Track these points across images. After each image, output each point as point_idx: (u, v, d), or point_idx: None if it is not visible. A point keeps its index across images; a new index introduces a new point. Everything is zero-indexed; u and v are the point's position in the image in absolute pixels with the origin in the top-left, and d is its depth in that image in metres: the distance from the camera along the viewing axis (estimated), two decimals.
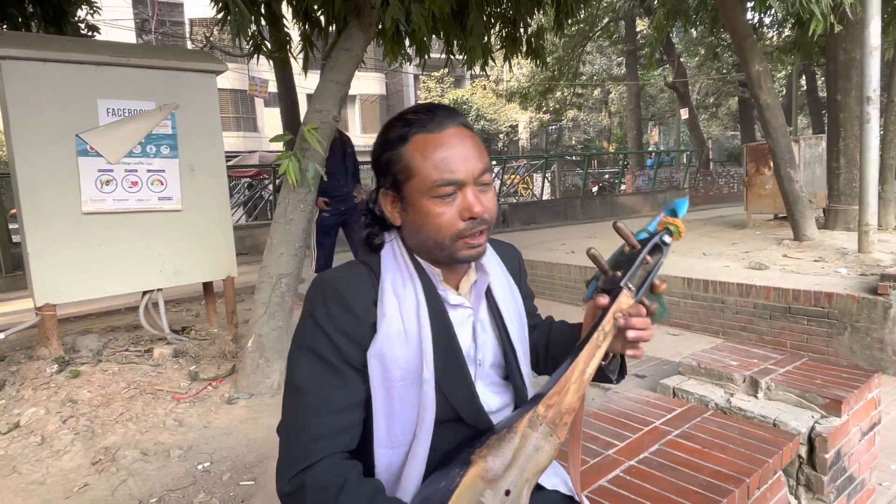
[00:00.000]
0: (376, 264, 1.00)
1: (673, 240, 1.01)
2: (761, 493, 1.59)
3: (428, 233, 0.96)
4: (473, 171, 0.95)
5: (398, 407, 0.94)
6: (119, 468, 2.05)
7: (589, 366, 0.93)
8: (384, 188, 1.00)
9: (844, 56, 6.73)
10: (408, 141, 0.95)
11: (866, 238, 5.07)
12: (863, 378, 2.08)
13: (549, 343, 1.20)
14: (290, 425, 0.91)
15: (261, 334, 2.75)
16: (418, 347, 0.94)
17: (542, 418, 0.90)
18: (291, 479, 0.87)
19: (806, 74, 19.52)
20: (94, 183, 2.98)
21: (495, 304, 1.08)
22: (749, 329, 4.41)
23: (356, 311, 0.93)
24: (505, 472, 0.87)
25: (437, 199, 0.94)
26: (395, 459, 0.95)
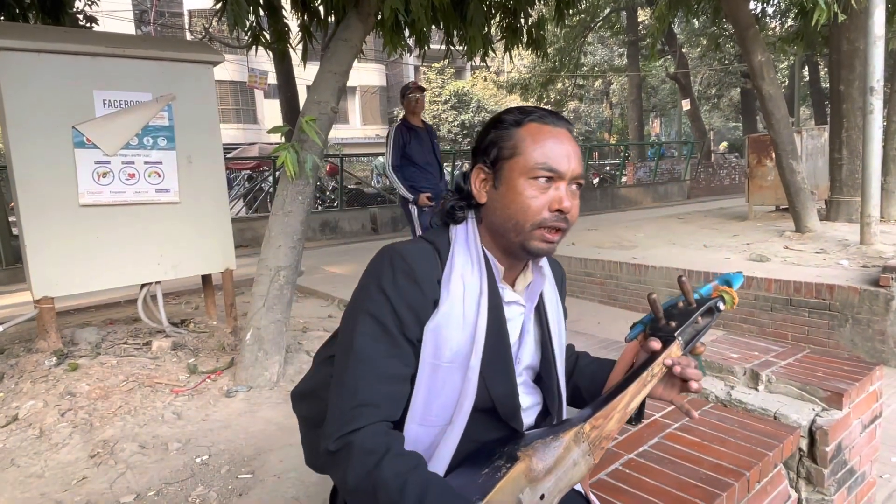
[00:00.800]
0: (443, 244, 1.03)
1: (725, 308, 1.09)
2: (762, 486, 1.58)
3: (514, 212, 0.99)
4: (573, 171, 1.00)
5: (440, 387, 0.97)
6: (117, 461, 2.05)
7: (634, 400, 1.00)
8: (480, 164, 1.04)
9: (848, 46, 6.68)
10: (523, 125, 1.01)
11: (868, 230, 5.05)
12: (864, 371, 2.07)
13: (573, 371, 1.25)
14: (344, 385, 0.93)
15: (259, 327, 2.74)
16: (472, 334, 0.97)
17: (586, 436, 0.95)
18: (338, 439, 0.89)
19: (809, 65, 19.41)
20: (91, 175, 2.96)
21: (544, 309, 1.12)
22: (750, 321, 4.40)
23: (423, 286, 0.96)
24: (545, 476, 0.91)
25: (532, 182, 0.98)
26: (423, 438, 0.97)
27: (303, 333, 3.47)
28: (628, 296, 5.18)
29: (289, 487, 1.83)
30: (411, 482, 0.83)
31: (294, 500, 1.77)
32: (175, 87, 3.17)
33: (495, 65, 25.50)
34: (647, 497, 1.39)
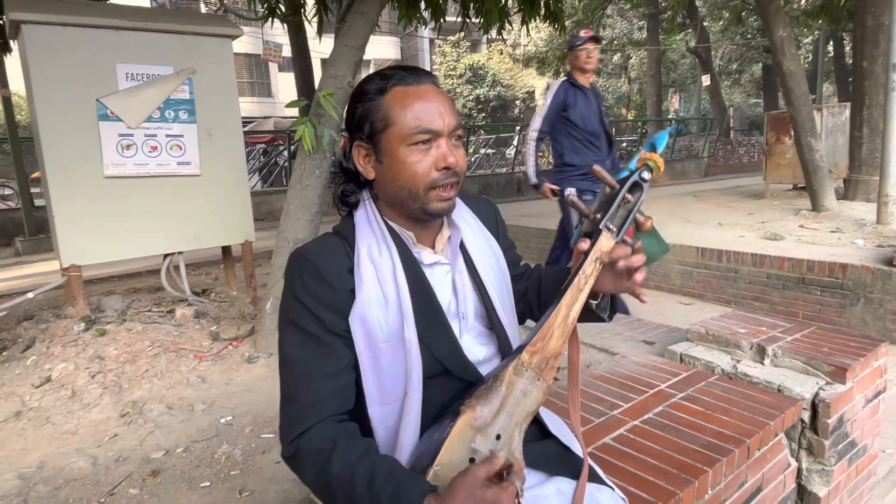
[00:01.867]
0: (350, 232, 1.04)
1: (652, 176, 1.01)
2: (762, 453, 1.64)
3: (403, 181, 0.99)
4: (449, 125, 0.99)
5: (385, 366, 0.99)
6: (146, 420, 2.16)
7: (572, 310, 0.96)
8: (358, 141, 1.03)
9: (873, 21, 6.53)
10: (387, 92, 0.99)
11: (885, 209, 5.01)
12: (870, 346, 2.10)
13: (540, 290, 1.22)
14: (285, 395, 0.97)
15: (279, 297, 2.82)
16: (398, 310, 0.98)
17: (528, 364, 0.94)
18: (290, 444, 0.93)
19: (833, 40, 18.92)
20: (116, 147, 3.04)
21: (471, 259, 1.11)
22: (761, 299, 4.42)
23: (332, 281, 0.97)
24: (494, 418, 0.91)
25: (413, 148, 0.98)
26: (388, 415, 1.00)
27: None
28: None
29: None
30: (359, 471, 0.87)
31: None
32: (195, 60, 3.22)
33: (511, 38, 25.12)
34: (649, 461, 1.46)
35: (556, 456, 1.09)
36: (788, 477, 1.81)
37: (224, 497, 1.71)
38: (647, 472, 1.41)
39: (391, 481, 0.85)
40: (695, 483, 1.38)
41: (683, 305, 4.73)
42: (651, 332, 2.84)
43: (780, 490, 1.77)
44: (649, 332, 2.85)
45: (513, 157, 16.09)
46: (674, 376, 1.97)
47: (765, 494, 1.69)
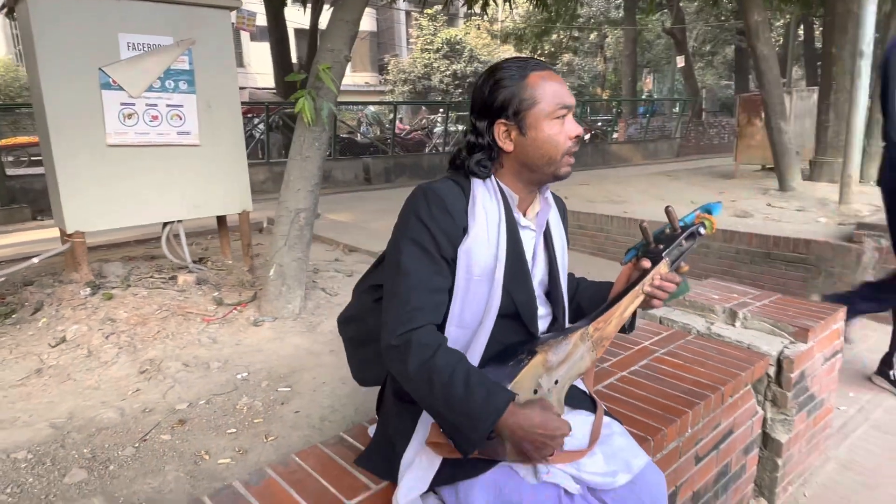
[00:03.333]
0: (465, 183, 1.22)
1: (705, 234, 1.28)
2: (733, 400, 1.86)
3: (547, 150, 1.19)
4: (574, 101, 1.21)
5: (472, 296, 1.17)
6: (165, 377, 2.29)
7: (628, 308, 1.21)
8: (501, 120, 1.19)
9: (842, 8, 6.78)
10: (527, 77, 1.18)
11: (848, 190, 5.31)
12: (829, 311, 2.34)
13: (575, 293, 1.47)
14: (397, 296, 1.14)
15: (282, 264, 2.95)
16: (495, 253, 1.17)
17: (590, 336, 1.18)
18: (399, 336, 1.10)
19: (805, 25, 19.32)
20: (118, 116, 3.09)
21: (550, 234, 1.32)
22: (731, 273, 4.70)
23: (454, 215, 1.15)
24: (559, 366, 1.15)
25: (555, 121, 1.18)
26: (460, 337, 1.19)
27: (315, 274, 3.69)
28: (618, 248, 5.44)
29: (324, 398, 2.09)
30: (458, 370, 1.05)
31: (329, 407, 2.03)
32: (195, 31, 3.27)
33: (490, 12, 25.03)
34: (638, 404, 1.66)
35: (576, 395, 1.32)
36: (755, 423, 2.04)
37: (251, 441, 1.86)
38: (636, 413, 1.61)
39: (484, 384, 1.05)
40: (677, 422, 1.59)
41: None
42: None
43: (748, 434, 2.00)
44: None
45: None
46: (656, 335, 2.18)
47: (735, 437, 1.92)
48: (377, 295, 1.31)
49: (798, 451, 2.29)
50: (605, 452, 1.20)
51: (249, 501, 1.25)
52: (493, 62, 1.36)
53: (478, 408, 1.02)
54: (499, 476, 1.11)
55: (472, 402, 1.03)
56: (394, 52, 29.92)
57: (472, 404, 1.02)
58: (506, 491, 1.09)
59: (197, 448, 1.83)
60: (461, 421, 1.04)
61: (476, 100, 1.24)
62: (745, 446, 2.00)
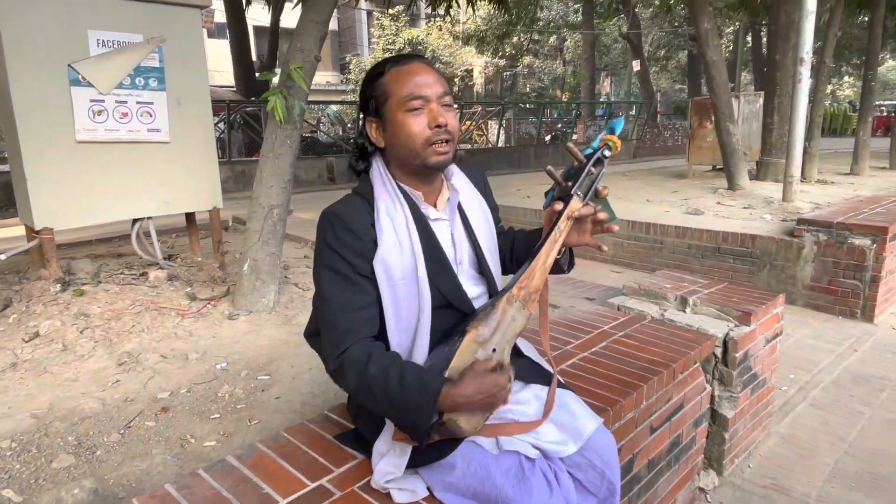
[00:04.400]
0: (369, 193, 1.27)
1: (611, 153, 1.28)
2: (683, 377, 2.04)
3: (405, 140, 1.22)
4: (436, 91, 1.23)
5: (402, 299, 1.24)
6: (144, 368, 2.33)
7: (549, 256, 1.23)
8: (369, 118, 1.27)
9: (785, 17, 7.18)
10: (385, 73, 1.24)
11: (790, 188, 5.66)
12: (770, 297, 2.56)
13: (512, 248, 1.53)
14: (326, 324, 1.22)
15: (255, 259, 3.01)
16: (412, 254, 1.24)
17: (516, 297, 1.21)
18: (334, 360, 1.19)
19: (752, 32, 20.18)
20: (87, 113, 3.09)
21: (466, 217, 1.37)
22: (683, 266, 4.96)
23: (359, 233, 1.21)
24: (492, 336, 1.20)
25: (409, 113, 1.21)
26: (404, 339, 1.26)
27: (286, 269, 3.75)
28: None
29: (304, 385, 2.18)
30: (391, 372, 1.12)
31: (310, 393, 2.12)
32: (165, 29, 3.29)
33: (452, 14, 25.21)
34: (597, 380, 1.82)
35: (529, 369, 1.43)
36: (704, 399, 2.23)
37: (235, 425, 1.94)
38: (596, 388, 1.77)
39: (417, 377, 1.13)
40: (633, 394, 1.75)
41: (615, 273, 5.22)
42: (591, 291, 3.23)
43: (697, 408, 2.19)
44: (589, 290, 3.25)
45: None
46: (613, 320, 2.35)
47: (686, 411, 2.10)
48: None
49: (743, 426, 2.50)
50: (557, 422, 1.31)
51: (243, 472, 1.34)
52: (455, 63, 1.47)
53: (415, 400, 1.09)
54: (464, 452, 1.21)
55: (409, 396, 1.10)
56: (355, 51, 29.81)
57: (410, 398, 1.10)
58: (473, 465, 1.20)
59: (182, 433, 1.90)
60: (406, 416, 1.13)
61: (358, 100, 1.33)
62: (694, 419, 2.18)
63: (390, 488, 1.23)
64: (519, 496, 1.15)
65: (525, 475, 1.18)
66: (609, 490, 1.32)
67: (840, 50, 23.31)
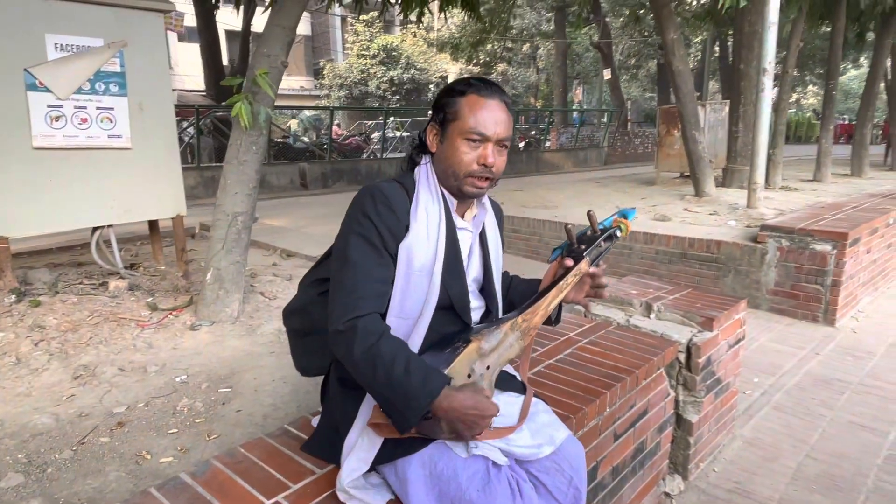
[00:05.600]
0: (410, 185, 1.33)
1: (621, 236, 1.45)
2: (647, 383, 2.06)
3: (452, 163, 1.30)
4: (499, 134, 1.29)
5: (413, 289, 1.28)
6: (101, 381, 2.26)
7: (553, 301, 1.34)
8: (433, 122, 1.33)
9: (749, 28, 7.34)
10: (465, 95, 1.30)
11: (754, 195, 5.77)
12: (732, 303, 2.60)
13: (508, 289, 1.62)
14: (343, 285, 1.24)
15: (219, 268, 2.96)
16: (434, 250, 1.29)
17: (519, 326, 1.30)
18: (346, 322, 1.19)
19: (719, 42, 20.65)
20: (44, 118, 3.00)
21: (485, 236, 1.46)
22: (651, 272, 5.03)
23: (398, 213, 1.26)
24: (490, 353, 1.26)
25: (466, 142, 1.28)
26: (401, 327, 1.29)
27: (252, 278, 3.69)
28: (550, 250, 5.69)
29: (266, 397, 2.14)
30: (400, 356, 1.15)
31: (272, 405, 2.08)
32: (126, 33, 3.22)
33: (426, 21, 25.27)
34: (561, 387, 1.82)
35: (506, 379, 1.47)
36: (668, 404, 2.25)
37: (193, 440, 1.89)
38: (560, 395, 1.77)
39: (422, 369, 1.16)
40: (596, 401, 1.75)
41: None
42: None
43: (661, 414, 2.21)
44: None
45: None
46: (580, 327, 2.36)
47: (650, 416, 2.11)
48: (322, 289, 1.41)
49: (707, 431, 2.53)
50: (531, 428, 1.34)
51: (196, 491, 1.31)
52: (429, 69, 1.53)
53: (415, 389, 1.13)
54: (434, 451, 1.22)
55: (411, 384, 1.13)
56: (329, 56, 29.66)
57: (411, 386, 1.13)
58: (440, 465, 1.21)
59: (138, 448, 1.85)
60: (400, 401, 1.14)
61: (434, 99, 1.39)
62: (659, 425, 2.20)
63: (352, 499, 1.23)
64: (482, 501, 1.16)
65: (490, 481, 1.19)
66: (575, 497, 1.34)
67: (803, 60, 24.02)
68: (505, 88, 6.85)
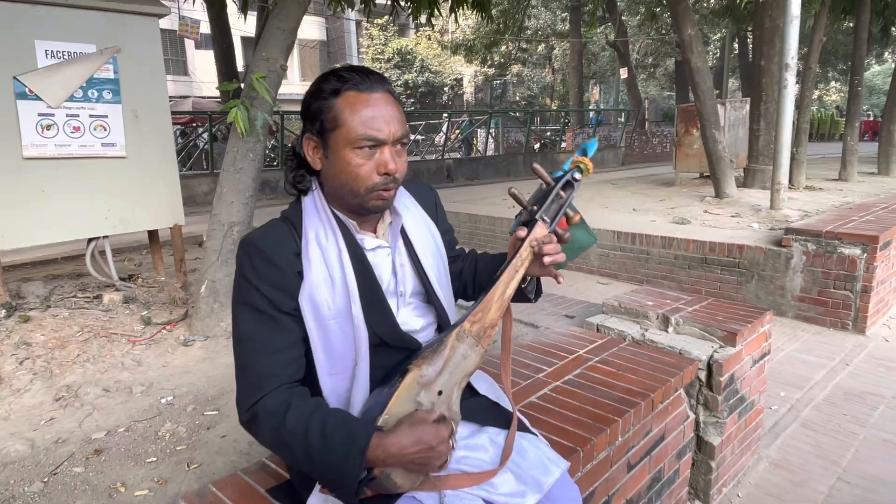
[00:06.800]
0: (297, 218, 1.12)
1: (583, 177, 1.15)
2: (664, 406, 1.88)
3: (346, 180, 1.08)
4: (394, 134, 1.07)
5: (335, 340, 1.09)
6: (83, 403, 2.15)
7: (509, 287, 1.10)
8: (309, 134, 1.10)
9: (770, 23, 7.10)
10: (340, 94, 1.06)
11: (777, 196, 5.54)
12: (756, 314, 2.41)
13: (475, 272, 1.37)
14: (241, 368, 1.07)
15: (214, 280, 2.84)
16: (344, 290, 1.09)
17: (468, 332, 1.08)
18: (247, 411, 1.03)
19: (738, 38, 20.24)
20: (35, 127, 2.92)
21: (410, 241, 1.22)
22: (670, 278, 4.82)
23: (280, 265, 1.06)
24: (437, 376, 1.05)
25: (357, 151, 1.06)
26: (339, 384, 1.11)
27: None
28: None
29: None
30: (312, 423, 0.98)
31: None
32: (120, 39, 3.13)
33: (439, 24, 25.20)
34: (568, 414, 1.66)
35: (486, 409, 1.26)
36: (687, 428, 2.07)
37: (172, 470, 1.76)
38: (566, 424, 1.60)
39: (342, 427, 0.98)
40: (606, 431, 1.59)
41: (601, 284, 5.08)
42: (572, 308, 3.08)
43: (680, 439, 2.03)
44: (570, 307, 3.09)
45: (442, 144, 16.26)
46: (590, 343, 2.20)
47: (667, 442, 1.94)
48: None
49: (731, 453, 2.34)
50: (515, 471, 1.15)
51: None
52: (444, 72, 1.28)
53: (339, 454, 0.95)
54: None
55: (333, 449, 0.96)
56: (344, 61, 29.76)
57: (334, 452, 0.96)
58: None
59: (112, 480, 1.72)
60: (329, 472, 0.98)
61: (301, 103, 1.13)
62: (677, 451, 2.02)
63: None
64: None
65: None
66: None
67: (826, 55, 23.47)
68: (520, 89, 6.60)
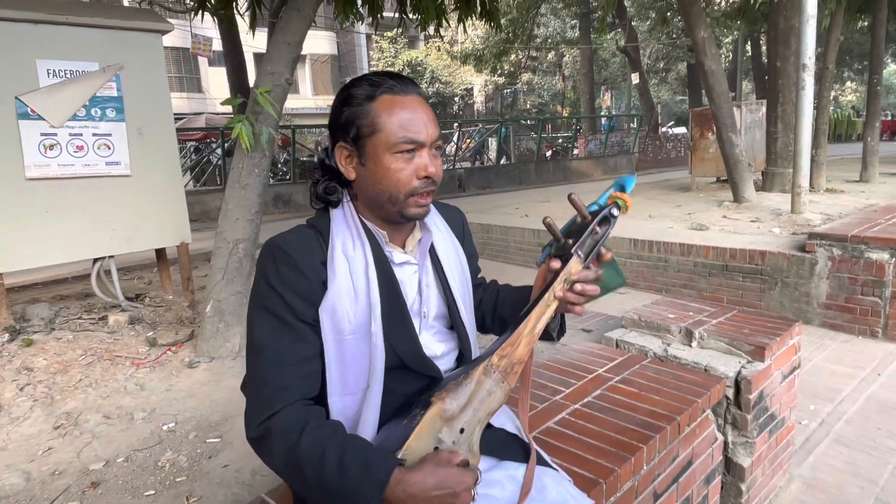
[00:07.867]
0: (325, 227, 1.07)
1: (620, 213, 1.10)
2: (691, 429, 1.76)
3: (385, 186, 1.04)
4: (432, 136, 1.04)
5: (349, 358, 1.02)
6: (82, 431, 2.08)
7: (539, 322, 1.04)
8: (342, 142, 1.06)
9: (784, 23, 6.97)
10: (375, 99, 1.03)
11: (798, 199, 5.38)
12: (785, 326, 2.28)
13: (496, 304, 1.30)
14: (254, 379, 0.99)
15: (219, 299, 2.77)
16: (367, 304, 1.03)
17: (496, 367, 1.01)
18: (258, 427, 0.95)
19: (751, 40, 20.03)
20: (38, 147, 2.88)
21: (438, 261, 1.16)
22: (689, 286, 4.68)
23: (305, 272, 1.00)
24: (461, 412, 0.97)
25: (397, 156, 1.02)
26: (348, 405, 1.03)
27: None
28: None
29: None
30: (329, 448, 0.90)
31: None
32: (123, 56, 3.10)
33: (449, 35, 25.27)
34: (589, 441, 1.54)
35: (503, 442, 1.17)
36: (716, 450, 1.95)
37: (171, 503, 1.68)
38: (587, 452, 1.49)
39: (361, 456, 0.90)
40: (631, 460, 1.47)
41: (618, 294, 4.94)
42: (589, 321, 2.96)
43: (708, 463, 1.90)
44: (587, 320, 2.97)
45: (453, 154, 16.21)
46: (610, 361, 2.08)
47: (695, 467, 1.81)
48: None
49: (762, 474, 2.21)
50: None
51: None
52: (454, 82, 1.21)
53: (354, 486, 0.88)
54: None
55: (348, 481, 0.88)
56: (355, 74, 29.95)
57: (348, 484, 0.88)
58: None
59: None
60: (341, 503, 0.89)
61: (330, 114, 1.09)
62: (706, 476, 1.90)
63: None
64: None
65: None
66: None
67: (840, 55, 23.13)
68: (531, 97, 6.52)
